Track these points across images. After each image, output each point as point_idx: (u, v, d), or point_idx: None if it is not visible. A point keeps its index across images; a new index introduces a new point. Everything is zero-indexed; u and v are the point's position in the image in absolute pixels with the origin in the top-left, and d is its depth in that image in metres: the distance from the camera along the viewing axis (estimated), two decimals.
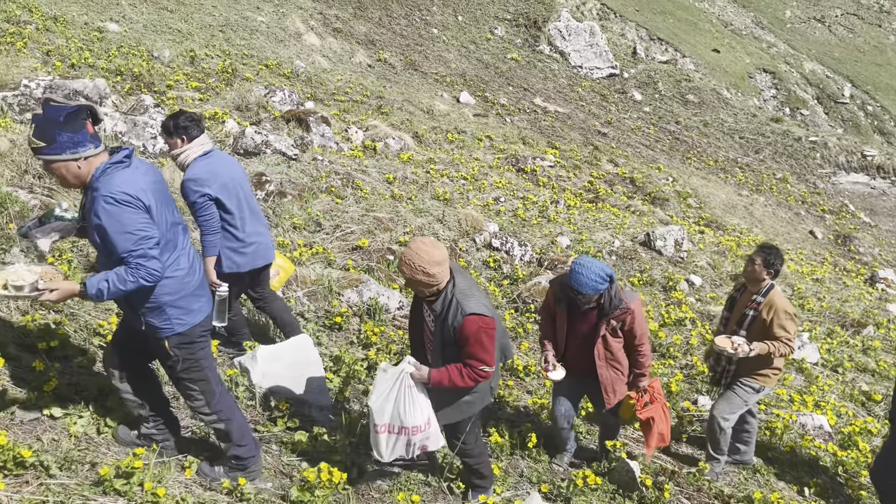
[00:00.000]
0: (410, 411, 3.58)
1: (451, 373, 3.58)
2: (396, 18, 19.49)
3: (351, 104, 15.37)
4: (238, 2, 17.64)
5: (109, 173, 2.94)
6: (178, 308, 3.17)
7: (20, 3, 13.63)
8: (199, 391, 3.37)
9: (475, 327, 3.50)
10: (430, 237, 3.97)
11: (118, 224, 2.89)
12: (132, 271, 2.91)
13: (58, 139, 2.87)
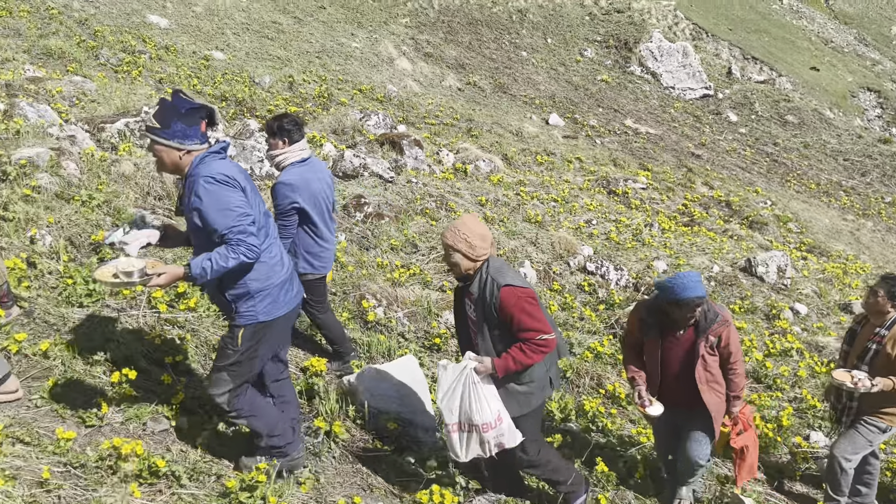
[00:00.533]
0: (478, 408, 3.47)
1: (514, 354, 3.48)
2: (486, 42, 19.67)
3: (441, 127, 15.58)
4: (334, 29, 18.24)
5: (207, 161, 3.14)
6: (265, 295, 3.24)
7: (135, 34, 14.54)
8: (231, 388, 3.35)
9: (514, 298, 3.44)
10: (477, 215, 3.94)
11: (217, 202, 3.03)
12: (233, 247, 3.02)
13: (172, 126, 3.08)
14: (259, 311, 3.24)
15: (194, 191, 3.06)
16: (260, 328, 3.26)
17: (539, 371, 3.62)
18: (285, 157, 4.54)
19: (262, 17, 17.37)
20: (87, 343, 4.03)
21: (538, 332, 3.44)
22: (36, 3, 13.81)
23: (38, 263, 4.69)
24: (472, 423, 3.49)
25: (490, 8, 20.48)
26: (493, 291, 3.44)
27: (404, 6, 19.80)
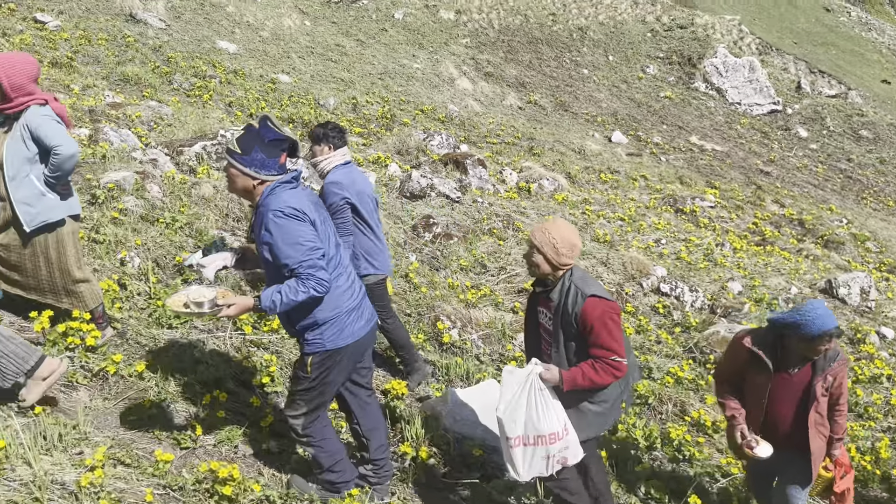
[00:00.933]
0: (545, 416, 3.27)
1: (584, 369, 3.29)
2: (546, 61, 19.61)
3: (503, 146, 15.55)
4: (395, 51, 18.47)
5: (277, 192, 3.11)
6: (332, 324, 3.21)
7: (206, 59, 14.99)
8: (305, 412, 3.34)
9: (598, 311, 3.26)
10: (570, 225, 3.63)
11: (287, 236, 3.01)
12: (303, 281, 3.00)
13: (253, 154, 3.08)
14: (326, 340, 3.21)
15: (264, 224, 3.05)
16: (328, 356, 3.24)
17: (614, 392, 3.48)
18: (329, 161, 4.66)
19: (325, 41, 17.71)
20: (178, 364, 4.09)
21: (613, 353, 3.28)
22: (113, 31, 14.38)
23: (128, 285, 4.80)
24: (539, 434, 3.28)
25: (550, 26, 20.44)
26: (577, 301, 3.29)
27: (465, 27, 19.94)
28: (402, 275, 7.07)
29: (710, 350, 7.19)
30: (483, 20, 19.86)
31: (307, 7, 18.71)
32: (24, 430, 2.92)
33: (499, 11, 19.92)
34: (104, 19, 14.75)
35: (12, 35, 12.29)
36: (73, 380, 3.70)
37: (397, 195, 9.86)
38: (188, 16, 16.08)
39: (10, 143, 3.73)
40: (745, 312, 8.61)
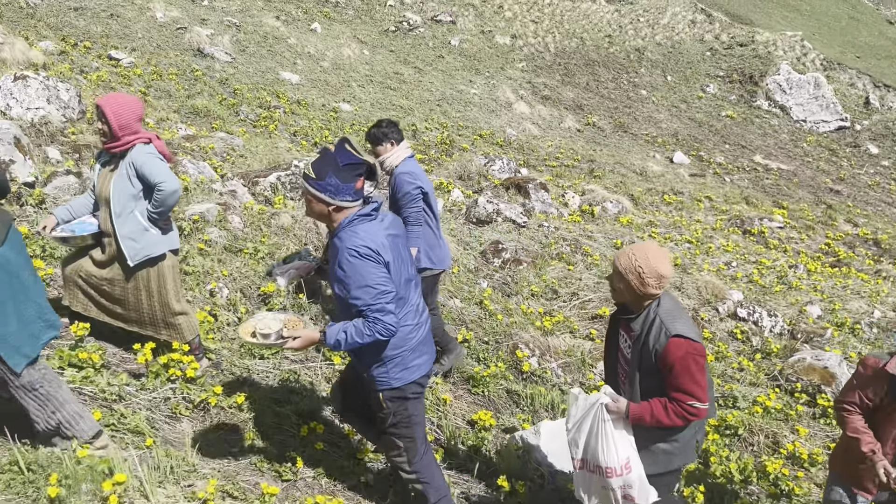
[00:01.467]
0: (605, 449, 3.11)
1: (655, 407, 3.08)
2: (604, 82, 19.51)
3: (563, 169, 15.47)
4: (452, 77, 18.64)
5: (355, 225, 3.02)
6: (397, 362, 3.18)
7: (270, 90, 15.39)
8: (403, 448, 3.32)
9: (682, 352, 3.01)
10: (666, 250, 3.45)
11: (359, 277, 2.95)
12: (370, 325, 2.97)
13: (327, 179, 2.99)
14: (392, 378, 3.19)
15: (338, 260, 3.01)
16: (397, 392, 3.23)
17: (687, 432, 3.26)
18: (397, 156, 4.71)
19: (384, 69, 18.00)
20: (274, 395, 4.13)
21: (692, 398, 3.04)
22: (183, 66, 14.89)
23: (219, 315, 4.90)
24: (598, 465, 3.14)
25: (606, 48, 20.36)
26: (660, 338, 3.05)
27: (521, 51, 20.01)
28: (477, 302, 7.04)
29: (796, 378, 6.93)
30: (539, 44, 19.91)
31: (365, 37, 19.07)
32: (141, 463, 2.97)
33: (554, 35, 19.95)
34: (174, 54, 15.29)
35: (90, 72, 12.83)
36: (177, 411, 3.77)
37: (464, 221, 9.87)
38: (252, 49, 16.56)
39: (117, 181, 3.86)
40: (828, 338, 8.29)
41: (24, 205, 5.39)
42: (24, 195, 5.44)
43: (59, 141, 8.19)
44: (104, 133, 3.85)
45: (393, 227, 3.18)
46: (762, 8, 30.40)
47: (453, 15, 20.31)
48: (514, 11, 20.82)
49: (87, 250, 4.07)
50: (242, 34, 16.85)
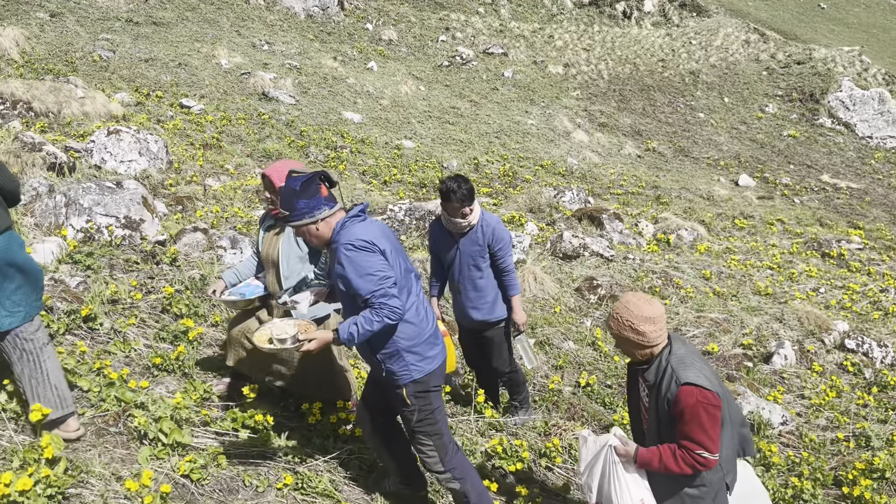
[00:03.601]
0: (618, 491, 3.08)
1: (663, 453, 3.04)
2: (660, 107, 19.41)
3: (628, 196, 15.36)
4: (508, 109, 18.73)
5: (347, 227, 3.14)
6: (414, 354, 3.25)
7: (334, 130, 15.63)
8: (433, 446, 3.37)
9: (692, 400, 2.96)
10: (642, 293, 3.33)
11: (359, 267, 3.03)
12: (376, 311, 3.04)
13: (297, 207, 3.11)
14: (413, 370, 3.27)
15: (338, 258, 3.10)
16: (418, 384, 3.30)
17: (714, 476, 3.16)
18: (480, 212, 4.57)
19: (441, 104, 18.17)
20: None
21: (700, 448, 2.98)
22: (249, 110, 15.21)
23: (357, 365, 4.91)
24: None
25: (661, 73, 20.29)
26: (671, 386, 3.02)
27: (574, 79, 20.05)
28: (589, 342, 6.96)
29: None
30: (592, 72, 19.93)
31: (420, 73, 19.30)
32: None
33: (607, 62, 19.95)
34: (240, 99, 15.65)
35: (165, 121, 13.18)
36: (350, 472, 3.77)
37: (551, 256, 9.82)
38: (314, 90, 16.86)
39: (284, 244, 3.92)
40: None
41: (160, 263, 5.51)
42: (158, 253, 5.55)
43: (161, 194, 8.39)
44: (272, 201, 3.91)
45: (383, 226, 3.31)
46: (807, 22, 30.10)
47: (505, 47, 20.47)
48: (564, 41, 20.91)
49: (254, 312, 4.12)
50: (303, 76, 17.19)
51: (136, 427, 3.45)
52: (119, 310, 4.72)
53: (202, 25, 17.87)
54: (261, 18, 19.26)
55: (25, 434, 3.24)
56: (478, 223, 4.55)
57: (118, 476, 3.12)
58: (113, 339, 4.42)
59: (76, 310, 4.39)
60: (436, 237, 4.70)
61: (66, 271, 5.06)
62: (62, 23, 15.98)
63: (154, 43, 16.45)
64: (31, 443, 3.01)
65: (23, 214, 5.65)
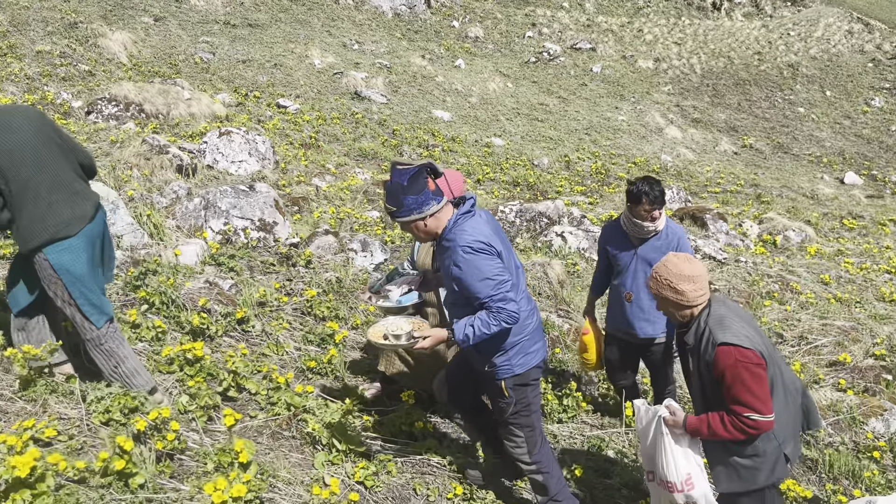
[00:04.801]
0: (664, 463, 3.00)
1: (711, 420, 2.90)
2: (756, 101, 18.71)
3: (726, 195, 14.86)
4: (598, 105, 18.41)
5: (460, 223, 3.04)
6: (518, 349, 3.20)
7: (425, 128, 15.69)
8: (524, 438, 3.32)
9: (730, 361, 2.78)
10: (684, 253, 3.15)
11: (476, 271, 2.96)
12: (494, 315, 2.97)
13: (405, 203, 3.00)
14: (514, 364, 3.21)
15: (453, 260, 3.01)
16: (519, 379, 3.24)
17: (768, 445, 2.97)
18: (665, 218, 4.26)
19: (529, 101, 18.01)
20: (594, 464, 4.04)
21: (750, 410, 2.79)
22: (343, 109, 15.43)
23: None
24: (661, 479, 3.04)
25: (757, 66, 19.55)
26: (708, 348, 2.88)
27: (665, 74, 19.54)
28: None
29: None
30: (684, 66, 19.36)
31: (507, 69, 19.18)
32: None
33: (699, 56, 19.35)
34: (333, 99, 15.89)
35: (265, 121, 13.50)
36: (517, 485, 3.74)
37: None
38: (404, 89, 16.97)
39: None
40: None
41: (295, 265, 5.61)
42: (293, 256, 5.66)
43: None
44: None
45: (491, 221, 3.22)
46: None
47: (593, 42, 20.12)
48: (654, 34, 20.39)
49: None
50: (393, 75, 17.32)
51: (308, 432, 3.50)
52: (267, 312, 4.82)
53: (294, 26, 18.23)
54: (350, 18, 19.52)
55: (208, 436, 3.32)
56: (663, 230, 4.26)
57: (301, 481, 3.17)
58: (266, 342, 4.51)
59: (231, 312, 4.50)
60: (611, 239, 4.39)
61: (211, 273, 5.21)
62: (165, 26, 16.57)
63: (250, 44, 16.88)
64: (223, 446, 3.09)
65: (165, 217, 5.85)
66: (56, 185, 3.10)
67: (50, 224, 3.05)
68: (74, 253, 3.10)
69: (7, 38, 13.58)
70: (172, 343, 4.11)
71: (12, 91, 11.64)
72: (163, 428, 3.08)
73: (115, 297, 4.49)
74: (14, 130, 3.03)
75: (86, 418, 3.11)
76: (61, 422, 3.04)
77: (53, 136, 3.19)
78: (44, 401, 3.15)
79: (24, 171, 3.02)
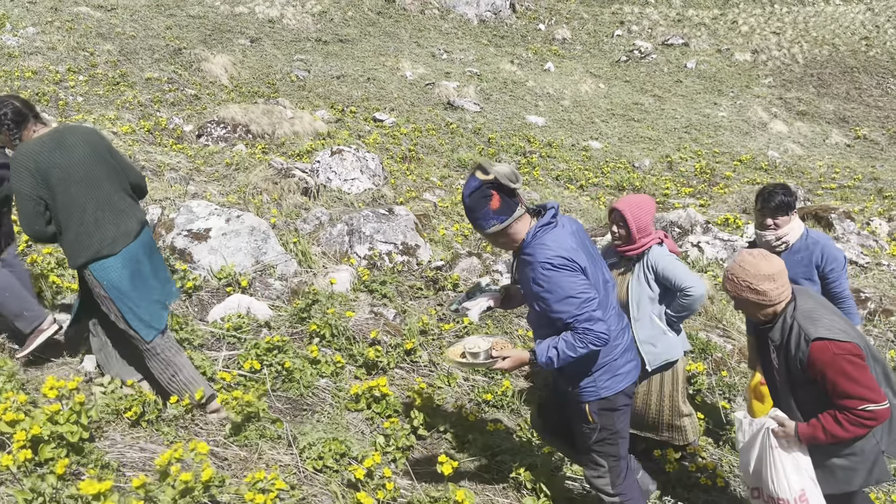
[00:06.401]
0: (775, 479, 2.77)
1: (825, 423, 2.67)
2: (867, 89, 17.69)
3: (843, 191, 14.06)
4: (694, 101, 17.79)
5: (539, 237, 2.81)
6: (604, 370, 2.95)
7: (520, 135, 15.48)
8: (607, 468, 3.07)
9: (827, 356, 2.61)
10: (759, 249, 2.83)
11: (559, 289, 2.74)
12: (580, 336, 2.76)
13: (472, 218, 2.83)
14: (600, 387, 2.96)
15: (533, 278, 2.79)
16: (605, 403, 2.99)
17: (866, 443, 2.77)
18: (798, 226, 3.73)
19: (623, 101, 17.57)
20: None
21: (863, 402, 2.59)
22: (437, 120, 15.41)
23: None
24: (772, 496, 2.81)
25: (865, 52, 18.50)
26: (800, 344, 2.69)
27: (764, 66, 18.73)
28: None
29: None
30: (784, 56, 18.50)
31: (598, 70, 18.78)
32: None
33: (801, 45, 18.46)
34: (427, 109, 15.90)
35: (364, 136, 13.59)
36: None
37: None
38: (496, 96, 16.83)
39: (634, 285, 3.70)
40: None
41: (444, 289, 5.52)
42: (440, 279, 5.57)
43: None
44: (620, 237, 3.70)
45: (578, 232, 2.95)
46: None
47: (685, 37, 19.48)
48: (750, 25, 19.58)
49: None
50: (484, 83, 17.20)
51: (514, 477, 3.37)
52: (430, 341, 4.74)
53: (383, 39, 18.37)
54: (436, 28, 19.54)
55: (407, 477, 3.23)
56: (797, 242, 3.78)
57: None
58: (435, 372, 4.42)
59: (400, 343, 4.43)
60: None
61: (364, 300, 5.16)
62: (261, 47, 16.98)
63: (343, 59, 17.09)
64: (440, 495, 2.98)
65: (309, 244, 5.87)
66: (104, 203, 3.23)
67: (95, 241, 3.19)
68: (118, 270, 3.22)
69: (118, 67, 14.16)
70: (349, 377, 4.07)
71: (129, 118, 12.12)
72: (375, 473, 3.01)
73: (283, 328, 4.49)
74: (67, 148, 3.17)
75: (300, 465, 3.07)
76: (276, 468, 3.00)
77: (106, 155, 3.32)
78: (258, 447, 3.12)
79: (74, 188, 3.15)
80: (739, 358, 5.55)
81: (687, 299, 3.60)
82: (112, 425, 3.01)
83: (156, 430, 3.03)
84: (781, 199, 3.65)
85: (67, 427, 2.47)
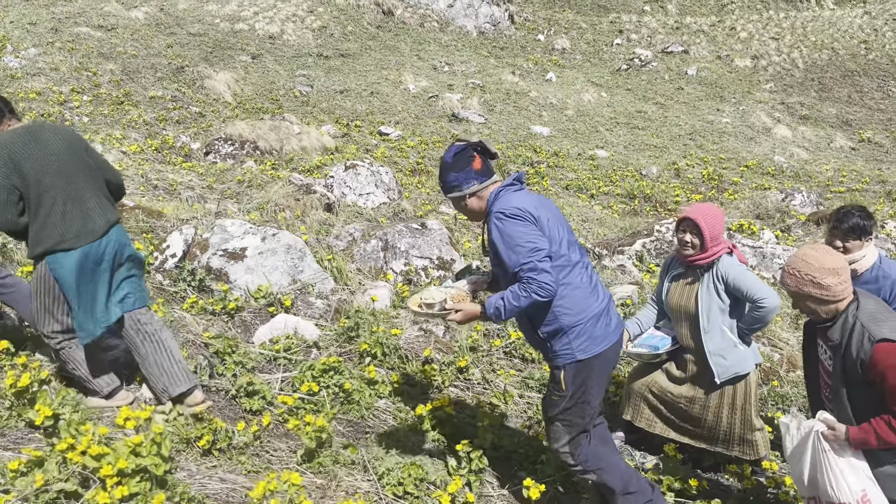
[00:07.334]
0: (833, 483, 2.64)
1: (878, 428, 2.57)
2: (868, 93, 17.77)
3: (852, 194, 14.07)
4: (698, 108, 17.81)
5: (501, 196, 2.91)
6: (579, 332, 2.93)
7: (526, 145, 15.44)
8: (567, 441, 3.05)
9: (892, 359, 2.50)
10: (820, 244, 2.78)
11: (508, 237, 2.79)
12: (524, 285, 2.77)
13: (448, 180, 2.93)
14: (576, 349, 2.93)
15: (489, 229, 2.89)
16: (581, 367, 2.96)
17: None
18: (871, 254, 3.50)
19: (626, 109, 17.57)
20: None
21: None
22: (442, 132, 15.32)
23: None
24: (830, 502, 2.67)
25: (864, 56, 18.59)
26: (863, 344, 2.58)
27: (765, 71, 18.79)
28: None
29: None
30: (784, 61, 18.58)
31: (599, 79, 18.79)
32: None
33: (801, 49, 18.54)
34: (431, 122, 15.84)
35: (372, 150, 13.51)
36: None
37: None
38: (500, 107, 16.79)
39: (704, 295, 3.60)
40: None
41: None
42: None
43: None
44: (693, 245, 3.60)
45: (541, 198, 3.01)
46: None
47: (684, 44, 19.54)
48: (748, 31, 19.67)
49: (659, 365, 3.86)
50: (487, 94, 17.17)
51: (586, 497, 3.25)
52: (480, 357, 4.62)
53: (384, 52, 18.34)
54: (436, 40, 19.52)
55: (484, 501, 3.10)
56: (869, 271, 3.54)
57: None
58: (489, 390, 4.31)
59: (453, 361, 4.32)
60: None
61: (405, 317, 5.05)
62: (262, 63, 16.90)
63: (345, 74, 17.03)
64: None
65: (343, 260, 5.75)
66: (74, 198, 3.23)
67: (58, 233, 3.19)
68: (70, 266, 3.21)
69: (122, 86, 14.04)
70: (406, 398, 3.95)
71: (135, 137, 11.99)
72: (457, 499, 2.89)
73: (332, 347, 4.38)
74: (42, 141, 3.19)
75: (380, 491, 2.94)
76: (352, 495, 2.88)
77: (82, 152, 3.32)
78: (334, 473, 2.99)
79: (47, 179, 3.16)
80: (788, 367, 5.46)
81: (760, 311, 3.50)
82: (183, 454, 2.88)
83: (228, 459, 2.90)
84: (856, 221, 3.45)
85: (151, 459, 2.34)
